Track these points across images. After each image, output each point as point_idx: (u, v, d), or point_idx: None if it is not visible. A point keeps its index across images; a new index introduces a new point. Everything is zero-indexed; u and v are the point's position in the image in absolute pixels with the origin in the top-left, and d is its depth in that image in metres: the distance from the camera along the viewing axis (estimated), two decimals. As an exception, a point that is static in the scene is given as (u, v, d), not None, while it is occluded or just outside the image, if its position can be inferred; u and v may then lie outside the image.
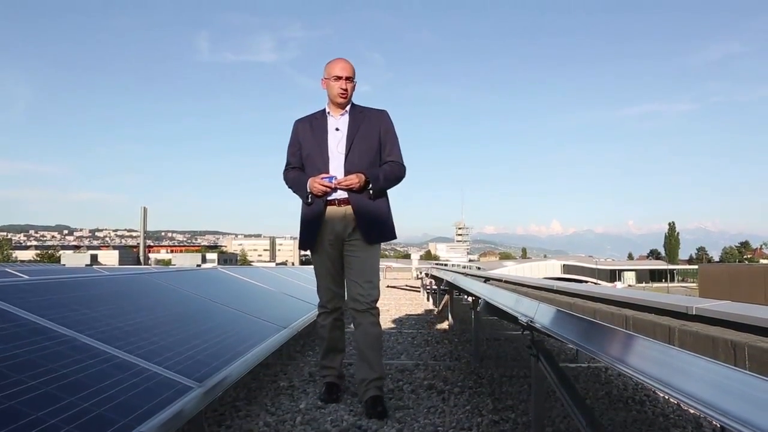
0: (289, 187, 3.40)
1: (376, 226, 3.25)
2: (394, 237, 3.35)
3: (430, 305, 10.81)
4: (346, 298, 3.47)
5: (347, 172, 3.17)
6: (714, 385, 0.96)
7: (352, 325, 3.35)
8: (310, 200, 3.22)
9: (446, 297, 8.15)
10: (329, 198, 3.20)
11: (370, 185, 3.17)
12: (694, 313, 2.38)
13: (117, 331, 2.67)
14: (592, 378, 4.07)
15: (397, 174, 3.33)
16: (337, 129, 3.29)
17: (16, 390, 1.78)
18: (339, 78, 3.25)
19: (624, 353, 1.26)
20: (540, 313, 2.06)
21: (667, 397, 3.49)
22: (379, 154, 3.31)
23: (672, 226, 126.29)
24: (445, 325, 7.33)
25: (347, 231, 3.22)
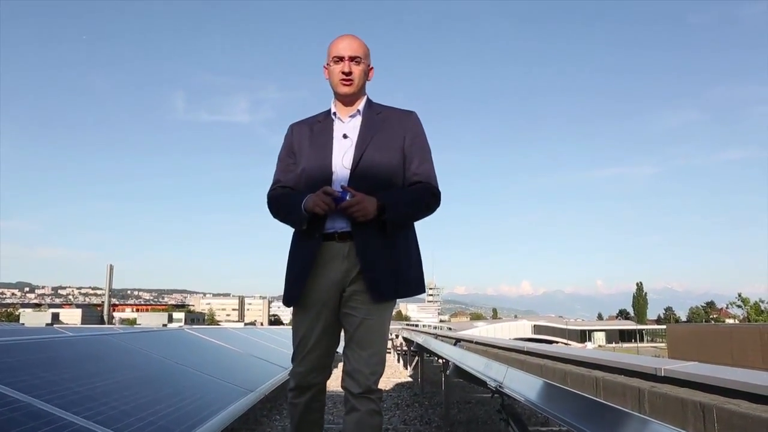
0: (275, 215, 2.32)
1: (390, 275, 2.17)
2: (422, 291, 2.27)
3: (400, 367, 10.67)
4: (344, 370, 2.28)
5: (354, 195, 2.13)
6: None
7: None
8: (305, 226, 2.17)
9: (417, 359, 8.06)
10: (326, 230, 2.17)
11: (384, 214, 2.11)
12: (663, 375, 2.40)
13: (76, 396, 2.58)
14: (564, 442, 4.02)
15: (426, 200, 2.25)
16: (345, 136, 2.26)
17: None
18: (340, 59, 2.24)
19: (592, 422, 1.25)
20: (509, 378, 2.06)
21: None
22: (401, 172, 2.27)
23: (640, 287, 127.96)
24: (415, 387, 7.22)
25: (348, 278, 2.16)
